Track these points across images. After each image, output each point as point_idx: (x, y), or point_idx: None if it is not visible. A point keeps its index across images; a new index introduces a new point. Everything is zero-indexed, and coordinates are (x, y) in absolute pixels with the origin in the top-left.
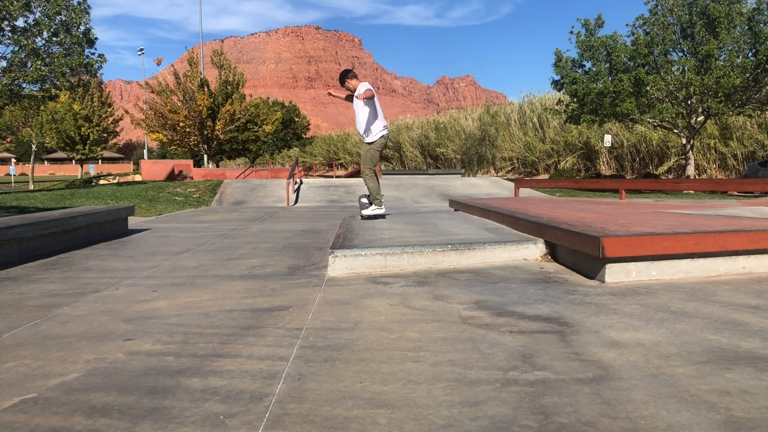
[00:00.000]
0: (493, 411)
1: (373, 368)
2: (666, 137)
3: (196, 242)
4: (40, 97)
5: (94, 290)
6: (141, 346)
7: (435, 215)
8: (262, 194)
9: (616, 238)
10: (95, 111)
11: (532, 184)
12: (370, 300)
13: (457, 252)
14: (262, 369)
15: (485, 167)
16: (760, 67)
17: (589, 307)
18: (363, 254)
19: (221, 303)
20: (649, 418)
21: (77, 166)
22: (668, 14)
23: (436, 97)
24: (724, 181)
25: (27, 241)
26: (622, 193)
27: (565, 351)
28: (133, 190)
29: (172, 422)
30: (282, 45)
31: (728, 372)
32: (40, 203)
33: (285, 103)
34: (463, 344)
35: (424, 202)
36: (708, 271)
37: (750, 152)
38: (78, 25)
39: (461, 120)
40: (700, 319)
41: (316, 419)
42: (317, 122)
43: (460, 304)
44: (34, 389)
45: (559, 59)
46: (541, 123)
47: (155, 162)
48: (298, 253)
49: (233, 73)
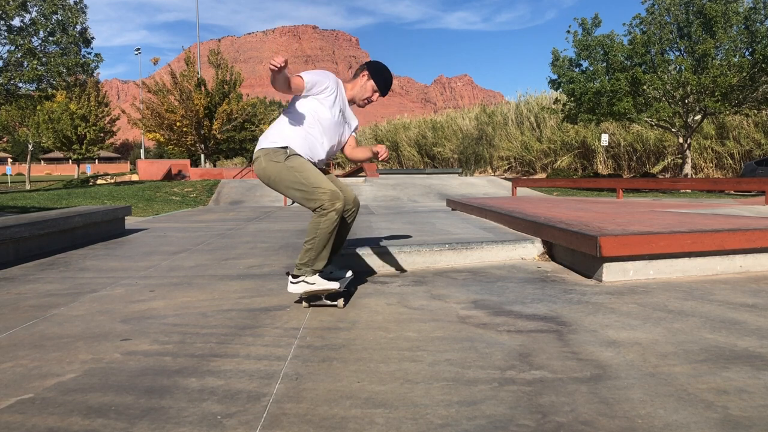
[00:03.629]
0: (491, 410)
1: (371, 368)
2: (663, 136)
3: (194, 242)
4: (36, 96)
5: (91, 290)
6: (138, 347)
7: (432, 215)
8: (260, 194)
9: (613, 237)
10: (92, 111)
11: (529, 183)
12: (367, 299)
13: (454, 251)
14: (260, 369)
15: (482, 167)
16: (756, 66)
17: (586, 306)
18: (360, 254)
19: (219, 303)
20: (646, 416)
21: (74, 166)
22: (665, 13)
23: (433, 96)
24: (720, 180)
25: (24, 241)
26: (619, 193)
27: (563, 350)
28: (130, 190)
29: (169, 422)
30: (279, 44)
31: (725, 371)
32: (37, 203)
33: (282, 102)
34: (460, 344)
35: (421, 202)
36: (705, 270)
37: (747, 151)
38: (74, 25)
39: (458, 119)
40: (697, 318)
41: (313, 419)
42: None
43: (457, 303)
44: (31, 389)
45: (556, 58)
46: (538, 122)
47: (152, 162)
48: (295, 252)
49: (230, 72)
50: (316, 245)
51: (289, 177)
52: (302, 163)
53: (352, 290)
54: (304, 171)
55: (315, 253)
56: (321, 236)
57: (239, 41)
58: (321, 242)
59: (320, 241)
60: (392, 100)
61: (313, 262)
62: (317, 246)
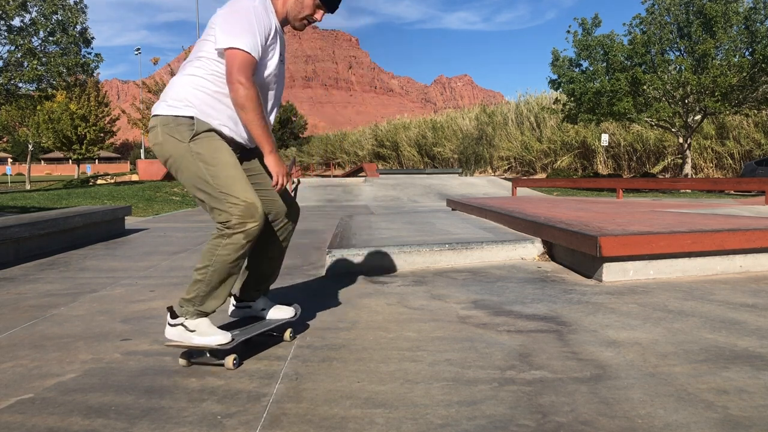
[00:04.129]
0: (491, 410)
1: (371, 368)
2: (663, 136)
3: (194, 242)
4: (36, 96)
5: (92, 290)
6: (138, 347)
7: (432, 214)
8: None
9: (613, 237)
10: (92, 111)
11: (529, 183)
12: (367, 299)
13: (454, 251)
14: (260, 369)
15: (482, 167)
16: (756, 66)
17: (586, 306)
18: (360, 254)
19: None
20: (646, 416)
21: (74, 166)
22: (665, 13)
23: (433, 96)
24: (720, 180)
25: (24, 241)
26: (620, 193)
27: (563, 350)
28: (130, 190)
29: (169, 422)
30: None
31: (725, 371)
32: (37, 203)
33: (282, 102)
34: (460, 344)
35: (421, 202)
36: (705, 270)
37: (747, 151)
38: (74, 25)
39: (458, 119)
40: (697, 318)
41: (313, 419)
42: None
43: (457, 303)
44: (31, 389)
45: (556, 58)
46: (538, 122)
47: (152, 162)
48: (295, 252)
49: None
50: (210, 278)
51: (191, 168)
52: (216, 148)
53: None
54: (214, 164)
55: (206, 287)
56: (218, 266)
57: None
58: (217, 275)
59: (216, 274)
60: (392, 100)
61: (201, 301)
62: (211, 279)
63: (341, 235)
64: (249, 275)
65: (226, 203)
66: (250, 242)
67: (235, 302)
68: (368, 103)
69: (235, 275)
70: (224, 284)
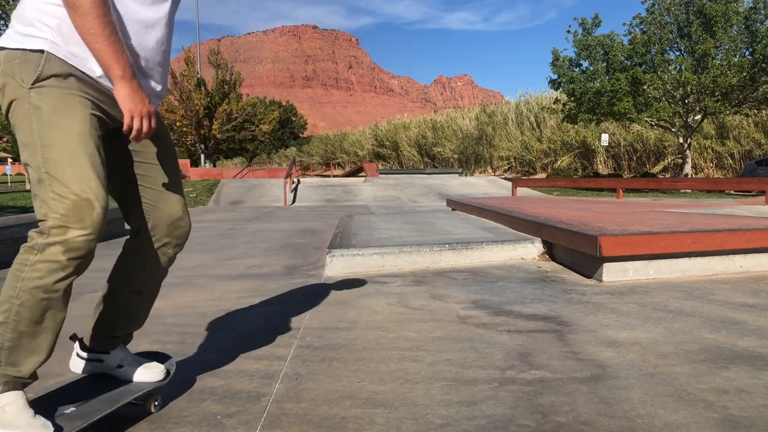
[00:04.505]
0: (491, 410)
1: (371, 368)
2: (663, 136)
3: (194, 242)
4: None
5: (92, 290)
6: (138, 347)
7: (432, 214)
8: (260, 194)
9: (613, 237)
10: None
11: (529, 183)
12: (367, 299)
13: (454, 251)
14: (260, 369)
15: (482, 167)
16: (756, 66)
17: (586, 306)
18: (360, 254)
19: (219, 303)
20: (646, 416)
21: None
22: (665, 13)
23: (433, 96)
24: (721, 180)
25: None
26: (620, 192)
27: (563, 350)
28: None
29: (169, 422)
30: (279, 44)
31: (725, 371)
32: None
33: (282, 102)
34: (460, 343)
35: (421, 202)
36: (705, 270)
37: (747, 151)
38: None
39: (458, 119)
40: (697, 318)
41: (313, 419)
42: (314, 121)
43: (457, 303)
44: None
45: (556, 58)
46: (538, 122)
47: None
48: (295, 252)
49: (230, 72)
50: (16, 317)
51: (23, 127)
52: (63, 106)
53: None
54: (51, 127)
55: (12, 335)
56: (27, 298)
57: (239, 41)
58: (28, 312)
59: (26, 311)
60: (392, 100)
61: (8, 356)
62: (18, 320)
63: (341, 235)
64: (103, 312)
65: (49, 191)
66: (76, 262)
67: (80, 350)
68: (368, 103)
69: (61, 314)
70: (43, 328)
